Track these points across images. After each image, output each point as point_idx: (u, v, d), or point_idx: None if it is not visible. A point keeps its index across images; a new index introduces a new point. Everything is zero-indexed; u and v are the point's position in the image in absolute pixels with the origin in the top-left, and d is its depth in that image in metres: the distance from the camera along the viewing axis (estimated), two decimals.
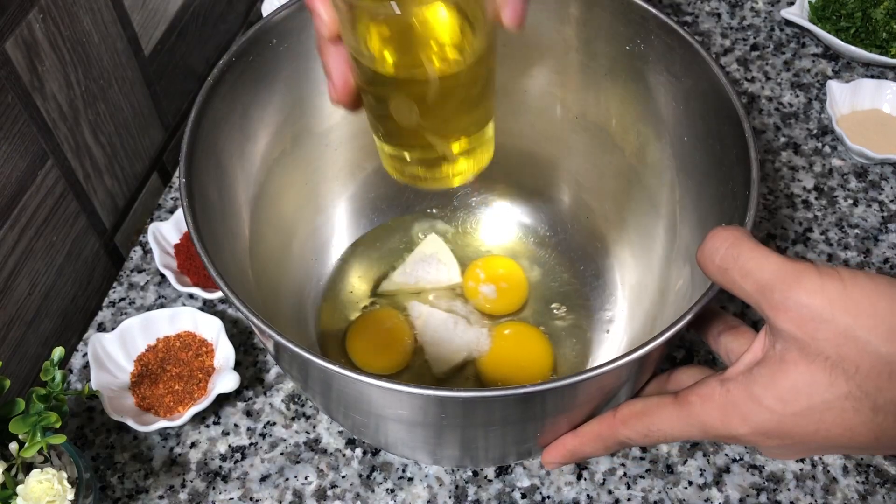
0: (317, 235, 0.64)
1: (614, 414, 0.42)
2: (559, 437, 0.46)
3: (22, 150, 0.55)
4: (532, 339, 0.61)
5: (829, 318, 0.33)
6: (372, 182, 0.65)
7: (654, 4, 0.51)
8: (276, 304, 0.57)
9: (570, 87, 0.59)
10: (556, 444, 0.46)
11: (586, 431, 0.44)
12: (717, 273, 0.37)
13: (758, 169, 0.44)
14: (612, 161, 0.59)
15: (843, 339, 0.33)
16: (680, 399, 0.39)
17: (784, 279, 0.34)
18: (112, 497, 0.56)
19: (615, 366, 0.39)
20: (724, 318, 0.45)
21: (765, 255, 0.35)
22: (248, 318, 0.41)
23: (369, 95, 0.40)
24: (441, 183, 0.44)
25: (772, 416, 0.35)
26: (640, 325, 0.58)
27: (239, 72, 0.51)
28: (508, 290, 0.63)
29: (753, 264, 0.35)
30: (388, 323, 0.61)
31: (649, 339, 0.39)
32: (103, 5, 0.60)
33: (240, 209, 0.53)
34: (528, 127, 0.63)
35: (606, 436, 0.43)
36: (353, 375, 0.39)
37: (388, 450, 0.56)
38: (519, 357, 0.60)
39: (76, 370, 0.62)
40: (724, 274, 0.36)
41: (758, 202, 0.43)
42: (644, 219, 0.59)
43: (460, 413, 0.44)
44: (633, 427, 0.41)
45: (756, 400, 0.36)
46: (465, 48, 0.38)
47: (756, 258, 0.35)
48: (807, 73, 0.81)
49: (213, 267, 0.42)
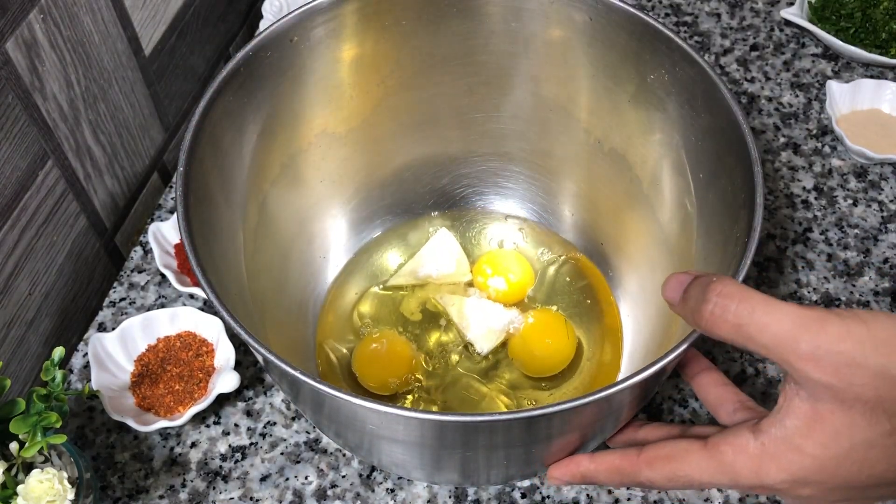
0: (323, 237, 0.64)
1: (638, 453, 0.42)
2: (567, 455, 0.46)
3: (22, 150, 0.55)
4: (560, 326, 0.61)
5: (861, 362, 0.33)
6: (382, 187, 0.65)
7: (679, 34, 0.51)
8: (274, 311, 0.57)
9: (592, 110, 0.59)
10: (568, 463, 0.46)
11: (606, 461, 0.44)
12: (731, 331, 0.36)
13: (760, 216, 0.43)
14: (629, 190, 0.59)
15: (879, 380, 0.33)
16: (710, 447, 0.39)
17: (808, 328, 0.34)
18: (112, 497, 0.56)
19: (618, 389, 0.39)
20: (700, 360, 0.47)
21: (780, 307, 0.35)
22: (226, 321, 0.41)
23: None
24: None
25: (814, 461, 0.35)
26: (641, 357, 0.58)
27: (246, 74, 0.50)
28: (517, 281, 0.64)
29: (770, 318, 0.34)
30: (395, 345, 0.61)
31: (649, 364, 0.40)
32: (103, 5, 0.61)
33: (240, 209, 0.53)
34: (550, 147, 0.63)
35: (627, 472, 0.43)
36: (343, 396, 0.38)
37: (382, 468, 0.56)
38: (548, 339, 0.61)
39: (76, 370, 0.62)
40: (739, 330, 0.35)
41: (755, 252, 0.43)
42: (654, 251, 0.59)
43: (460, 437, 0.44)
44: (659, 470, 0.41)
45: (796, 449, 0.36)
46: None
47: (772, 311, 0.35)
48: (806, 74, 0.81)
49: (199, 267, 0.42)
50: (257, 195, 0.55)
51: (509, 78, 0.60)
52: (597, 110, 0.58)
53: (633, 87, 0.54)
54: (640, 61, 0.53)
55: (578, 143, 0.61)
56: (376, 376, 0.59)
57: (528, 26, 0.56)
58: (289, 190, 0.58)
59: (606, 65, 0.55)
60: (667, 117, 0.53)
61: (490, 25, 0.56)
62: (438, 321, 0.63)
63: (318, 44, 0.54)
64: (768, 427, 0.37)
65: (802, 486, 0.36)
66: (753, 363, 0.62)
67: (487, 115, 0.63)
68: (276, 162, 0.56)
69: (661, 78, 0.52)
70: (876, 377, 0.33)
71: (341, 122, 0.59)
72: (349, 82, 0.58)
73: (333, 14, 0.53)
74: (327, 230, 0.64)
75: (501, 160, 0.66)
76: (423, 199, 0.68)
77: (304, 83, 0.55)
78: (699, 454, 0.39)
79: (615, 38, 0.53)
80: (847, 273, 0.67)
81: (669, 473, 0.41)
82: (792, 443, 0.36)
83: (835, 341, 0.33)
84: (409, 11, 0.55)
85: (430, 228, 0.67)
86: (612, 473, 0.44)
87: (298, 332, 0.61)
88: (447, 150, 0.65)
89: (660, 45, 0.51)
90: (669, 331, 0.53)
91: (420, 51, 0.58)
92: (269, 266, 0.56)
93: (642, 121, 0.55)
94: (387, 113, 0.61)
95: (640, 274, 0.61)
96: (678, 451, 0.40)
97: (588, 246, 0.65)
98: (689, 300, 0.37)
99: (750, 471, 0.37)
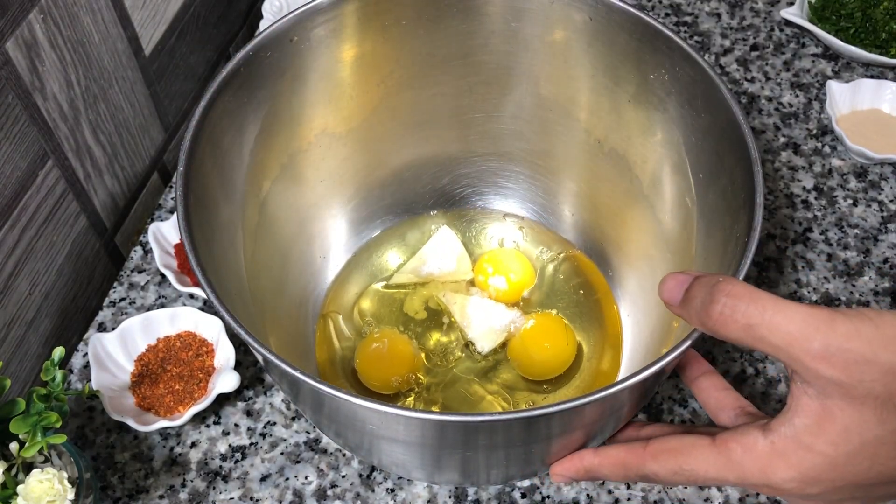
0: (323, 237, 0.64)
1: (644, 446, 0.42)
2: (570, 452, 0.46)
3: (22, 150, 0.55)
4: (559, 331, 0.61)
5: (871, 359, 0.33)
6: (382, 187, 0.65)
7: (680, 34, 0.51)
8: (274, 311, 0.57)
9: (592, 110, 0.59)
10: (572, 459, 0.46)
11: (610, 454, 0.44)
12: (740, 331, 0.36)
13: (760, 216, 0.43)
14: (629, 190, 0.59)
15: (890, 376, 0.33)
16: (719, 444, 0.39)
17: (818, 327, 0.34)
18: (112, 497, 0.56)
19: (618, 389, 0.39)
20: (700, 363, 0.47)
21: (790, 307, 0.35)
22: (226, 321, 0.41)
23: None
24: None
25: (824, 458, 0.36)
26: (641, 358, 0.58)
27: (246, 74, 0.50)
28: (517, 280, 0.64)
29: (781, 317, 0.35)
30: (397, 344, 0.61)
31: (649, 364, 0.40)
32: (104, 5, 0.61)
33: (240, 209, 0.53)
34: (550, 147, 0.63)
35: (632, 465, 0.43)
36: (343, 396, 0.38)
37: (382, 469, 0.56)
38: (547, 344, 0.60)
39: (76, 370, 0.62)
40: (749, 330, 0.35)
41: (755, 251, 0.42)
42: (654, 251, 0.59)
43: (460, 437, 0.44)
44: (664, 464, 0.41)
45: (806, 447, 0.36)
46: None
47: (783, 311, 0.35)
48: (806, 73, 0.81)
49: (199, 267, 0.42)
50: (257, 195, 0.55)
51: (509, 78, 0.60)
52: (597, 110, 0.58)
53: (633, 87, 0.54)
54: (640, 61, 0.53)
55: (578, 143, 0.61)
56: (379, 375, 0.59)
57: (528, 26, 0.56)
58: (289, 190, 0.58)
59: (606, 65, 0.55)
60: (667, 117, 0.53)
61: (490, 25, 0.56)
62: (441, 319, 0.63)
63: (318, 44, 0.54)
64: (778, 426, 0.37)
65: (811, 485, 0.36)
66: (753, 363, 0.62)
67: (487, 115, 0.63)
68: (275, 162, 0.56)
69: (661, 78, 0.52)
70: (887, 374, 0.33)
71: (341, 122, 0.59)
72: (349, 82, 0.58)
73: (333, 14, 0.53)
74: (327, 230, 0.64)
75: (501, 160, 0.66)
76: (423, 199, 0.68)
77: (304, 83, 0.55)
78: (707, 450, 0.39)
79: (615, 38, 0.53)
80: (847, 273, 0.67)
81: (675, 467, 0.40)
82: (802, 441, 0.36)
83: (845, 339, 0.33)
84: (409, 11, 0.55)
85: (431, 227, 0.67)
86: (617, 467, 0.44)
87: (298, 332, 0.61)
88: (447, 150, 0.65)
89: (660, 45, 0.51)
90: (670, 331, 0.53)
91: (420, 51, 0.58)
92: (269, 266, 0.56)
93: (642, 121, 0.55)
94: (387, 113, 0.61)
95: (641, 274, 0.61)
96: (685, 446, 0.40)
97: (588, 246, 0.65)
98: (693, 301, 0.37)
99: (758, 469, 0.37)
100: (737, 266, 0.42)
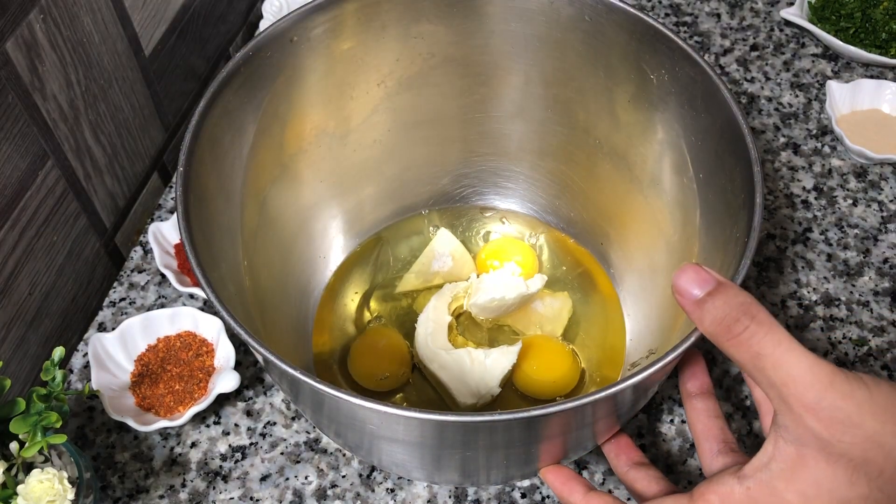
0: (323, 237, 0.64)
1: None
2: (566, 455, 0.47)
3: (22, 150, 0.55)
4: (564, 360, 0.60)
5: (857, 423, 0.34)
6: (382, 187, 0.65)
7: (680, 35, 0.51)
8: (274, 311, 0.57)
9: (592, 110, 0.59)
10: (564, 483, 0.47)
11: (598, 500, 0.45)
12: (748, 355, 0.36)
13: (760, 216, 0.43)
14: (629, 190, 0.59)
15: (870, 444, 0.34)
16: (696, 498, 0.40)
17: (819, 379, 0.35)
18: (112, 497, 0.56)
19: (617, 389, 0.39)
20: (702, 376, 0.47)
21: (801, 352, 0.35)
22: (226, 321, 0.41)
23: None
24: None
25: None
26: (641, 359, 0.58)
27: (246, 74, 0.50)
28: (523, 261, 0.64)
29: (790, 357, 0.35)
30: (390, 340, 0.61)
31: (649, 364, 0.40)
32: (103, 5, 0.61)
33: (240, 209, 0.53)
34: (550, 146, 0.63)
35: None
36: (343, 396, 0.38)
37: (382, 469, 0.56)
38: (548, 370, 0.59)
39: (76, 370, 0.62)
40: (756, 359, 0.36)
41: (755, 251, 0.43)
42: (653, 251, 0.59)
43: (460, 437, 0.44)
44: None
45: (777, 494, 0.36)
46: None
47: (794, 352, 0.35)
48: (806, 74, 0.81)
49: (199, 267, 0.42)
50: (257, 195, 0.55)
51: (509, 78, 0.60)
52: (596, 110, 0.58)
53: (633, 87, 0.54)
54: (640, 61, 0.53)
55: (578, 143, 0.61)
56: (368, 372, 0.59)
57: (528, 26, 0.56)
58: (289, 190, 0.58)
59: (606, 65, 0.55)
60: (667, 117, 0.53)
61: (490, 25, 0.56)
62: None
63: (318, 44, 0.54)
64: (753, 471, 0.38)
65: None
66: None
67: (487, 115, 0.63)
68: (275, 162, 0.56)
69: (661, 78, 0.52)
70: (867, 440, 0.34)
71: (341, 122, 0.59)
72: (349, 82, 0.58)
73: (333, 14, 0.53)
74: (327, 230, 0.64)
75: (501, 160, 0.66)
76: (423, 199, 0.68)
77: (303, 83, 0.55)
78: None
79: (615, 38, 0.53)
80: (847, 273, 0.67)
81: None
82: (775, 488, 0.37)
83: (838, 397, 0.34)
84: (408, 11, 0.55)
85: (430, 228, 0.67)
86: None
87: (298, 332, 0.61)
88: (447, 150, 0.65)
89: (660, 45, 0.51)
90: (670, 330, 0.54)
91: (420, 51, 0.58)
92: (269, 266, 0.56)
93: (642, 121, 0.55)
94: (387, 113, 0.61)
95: (641, 274, 0.61)
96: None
97: (588, 246, 0.65)
98: (714, 309, 0.37)
99: None
100: (737, 266, 0.42)
